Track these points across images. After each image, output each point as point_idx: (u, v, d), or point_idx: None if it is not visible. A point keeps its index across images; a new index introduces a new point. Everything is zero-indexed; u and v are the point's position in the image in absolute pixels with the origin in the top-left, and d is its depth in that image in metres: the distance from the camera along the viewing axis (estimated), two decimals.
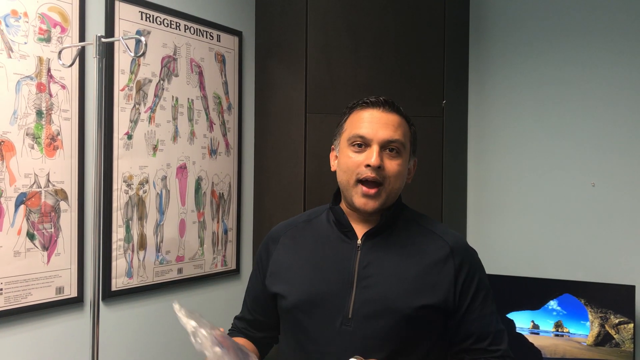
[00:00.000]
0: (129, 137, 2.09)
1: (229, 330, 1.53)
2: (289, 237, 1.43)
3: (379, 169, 1.29)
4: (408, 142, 1.36)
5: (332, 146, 1.42)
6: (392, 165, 1.31)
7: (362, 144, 1.31)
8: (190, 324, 1.11)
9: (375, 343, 1.26)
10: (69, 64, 1.77)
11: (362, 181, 1.30)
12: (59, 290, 1.87)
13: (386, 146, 1.31)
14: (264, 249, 1.46)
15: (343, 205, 1.40)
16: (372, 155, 1.29)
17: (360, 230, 1.36)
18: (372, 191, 1.30)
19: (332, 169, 1.41)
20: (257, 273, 1.47)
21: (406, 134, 1.35)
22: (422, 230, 1.38)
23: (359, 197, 1.31)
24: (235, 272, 2.57)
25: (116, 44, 2.02)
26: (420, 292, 1.29)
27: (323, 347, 1.29)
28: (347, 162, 1.32)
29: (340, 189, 1.38)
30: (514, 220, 2.66)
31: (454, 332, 1.34)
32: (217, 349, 1.10)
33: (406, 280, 1.29)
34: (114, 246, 2.04)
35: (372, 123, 1.31)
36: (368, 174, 1.29)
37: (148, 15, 2.15)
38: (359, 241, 1.34)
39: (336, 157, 1.39)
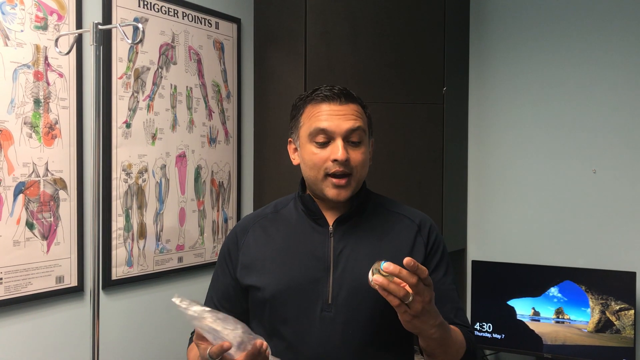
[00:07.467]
0: (128, 125, 2.08)
1: (192, 333, 1.43)
2: (258, 229, 1.41)
3: (345, 161, 1.29)
4: (367, 127, 1.36)
5: (290, 139, 1.41)
6: (356, 155, 1.31)
7: (325, 139, 1.30)
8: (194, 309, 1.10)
9: (356, 326, 1.28)
10: (66, 52, 1.76)
11: (330, 175, 1.30)
12: (59, 279, 1.87)
13: (348, 137, 1.30)
14: (231, 242, 1.43)
15: (310, 194, 1.39)
16: (337, 150, 1.28)
17: (330, 217, 1.36)
18: (343, 181, 1.30)
19: (294, 163, 1.39)
20: (224, 267, 1.43)
21: (365, 120, 1.35)
22: (389, 213, 1.40)
23: (331, 189, 1.31)
24: None
25: (114, 32, 2.01)
26: None
27: (304, 334, 1.29)
28: (313, 158, 1.31)
29: (306, 182, 1.38)
30: (515, 208, 2.66)
31: None
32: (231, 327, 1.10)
33: None
34: (113, 235, 2.03)
35: (333, 116, 1.30)
36: (337, 168, 1.29)
37: (146, 3, 2.13)
38: (331, 228, 1.35)
39: (295, 149, 1.39)
